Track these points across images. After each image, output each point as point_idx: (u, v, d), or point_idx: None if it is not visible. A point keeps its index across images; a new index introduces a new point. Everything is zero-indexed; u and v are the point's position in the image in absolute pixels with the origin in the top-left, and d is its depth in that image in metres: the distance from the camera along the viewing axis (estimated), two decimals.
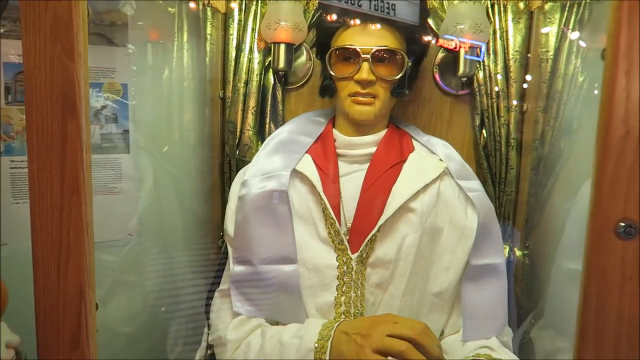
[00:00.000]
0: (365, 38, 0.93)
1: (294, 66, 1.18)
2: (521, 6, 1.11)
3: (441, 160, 0.97)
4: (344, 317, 0.90)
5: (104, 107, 1.01)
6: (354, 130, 0.99)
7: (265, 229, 0.93)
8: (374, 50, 0.92)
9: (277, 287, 0.92)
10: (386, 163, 0.96)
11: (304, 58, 1.20)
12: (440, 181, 0.95)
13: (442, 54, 1.15)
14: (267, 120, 1.18)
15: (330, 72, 0.97)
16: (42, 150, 0.61)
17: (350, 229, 0.93)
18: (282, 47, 1.13)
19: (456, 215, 0.94)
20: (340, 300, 0.91)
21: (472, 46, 1.06)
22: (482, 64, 1.11)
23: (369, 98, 0.94)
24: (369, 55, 0.92)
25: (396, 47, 0.94)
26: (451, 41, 1.04)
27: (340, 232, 0.91)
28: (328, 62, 0.97)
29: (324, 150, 0.99)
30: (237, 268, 0.94)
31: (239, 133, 1.17)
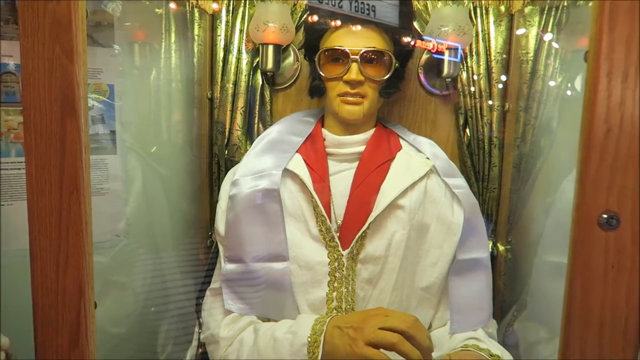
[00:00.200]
0: (354, 40, 0.96)
1: (281, 67, 1.20)
2: (502, 9, 1.15)
3: (428, 159, 1.00)
4: (335, 312, 0.92)
5: (91, 108, 1.00)
6: (343, 129, 1.01)
7: (256, 227, 0.94)
8: (362, 51, 0.94)
9: (269, 285, 0.93)
10: (375, 161, 0.98)
11: (291, 59, 1.21)
12: (427, 179, 0.98)
13: (427, 55, 1.18)
14: (256, 120, 1.20)
15: (319, 73, 0.99)
16: (41, 150, 0.62)
17: (340, 226, 0.95)
18: (270, 48, 1.14)
19: (443, 211, 0.97)
20: (332, 296, 0.93)
21: (449, 47, 1.09)
22: (466, 65, 1.14)
23: (358, 98, 0.96)
24: (357, 56, 0.94)
25: (384, 49, 0.97)
26: (429, 42, 1.07)
27: (331, 229, 0.93)
28: (317, 63, 0.99)
29: (313, 150, 1.00)
30: (229, 266, 0.95)
31: (227, 133, 1.18)
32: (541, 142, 1.10)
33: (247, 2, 1.18)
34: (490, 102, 1.14)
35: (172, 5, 1.15)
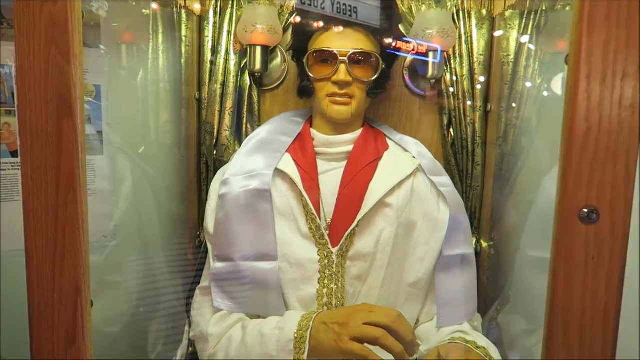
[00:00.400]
0: (342, 41, 0.98)
1: (269, 68, 1.21)
2: (484, 13, 1.18)
3: (414, 158, 1.03)
4: (326, 308, 0.94)
5: None
6: (331, 129, 1.03)
7: (246, 226, 0.95)
8: (350, 52, 0.96)
9: (257, 284, 0.95)
10: (363, 161, 1.00)
11: (278, 60, 1.23)
12: (414, 177, 1.00)
13: (412, 57, 1.20)
14: (244, 120, 1.21)
15: (308, 74, 1.01)
16: (37, 149, 0.62)
17: (330, 224, 0.97)
18: (258, 50, 1.15)
19: (429, 209, 0.99)
20: (322, 293, 0.94)
21: (430, 49, 1.12)
22: (449, 66, 1.17)
23: (346, 98, 0.99)
24: (346, 58, 0.96)
25: (371, 50, 0.99)
26: (409, 44, 1.10)
27: (321, 228, 0.95)
28: (306, 64, 1.01)
29: (303, 149, 1.02)
30: (218, 265, 0.96)
31: (216, 133, 1.19)
32: (522, 141, 1.14)
33: (235, 4, 1.19)
34: (471, 103, 1.18)
35: (154, 5, 1.15)
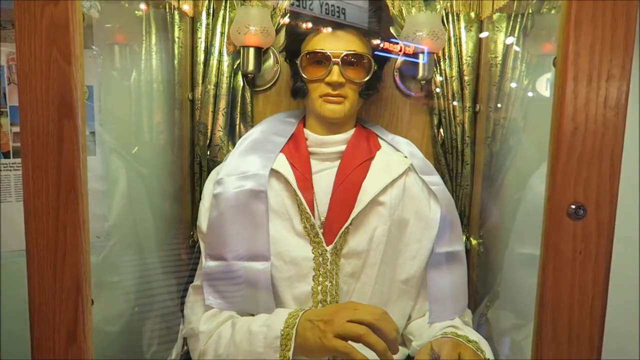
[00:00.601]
0: (335, 43, 1.00)
1: (262, 69, 1.23)
2: (472, 16, 1.21)
3: (406, 157, 1.05)
4: (320, 306, 0.96)
5: None
6: (324, 129, 1.05)
7: (240, 226, 0.97)
8: (343, 54, 0.98)
9: (249, 284, 0.96)
10: (356, 160, 1.02)
11: (271, 61, 1.24)
12: (405, 176, 1.02)
13: (402, 58, 1.23)
14: (237, 121, 1.22)
15: (302, 75, 1.02)
16: (38, 150, 0.63)
17: (324, 222, 0.98)
18: (251, 51, 1.17)
19: (421, 207, 1.02)
20: (317, 290, 0.96)
21: (416, 50, 1.14)
22: (439, 68, 1.20)
23: (339, 98, 1.00)
24: (339, 59, 0.98)
25: (363, 52, 1.01)
26: (396, 45, 1.12)
27: (315, 226, 0.97)
28: (300, 65, 1.02)
29: (296, 149, 1.04)
30: (210, 263, 0.97)
31: (210, 134, 1.20)
32: (510, 141, 1.16)
33: (228, 6, 1.20)
34: (460, 103, 1.20)
35: (143, 6, 1.15)
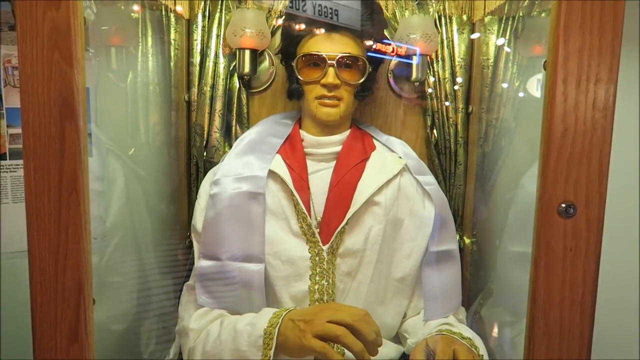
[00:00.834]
0: (330, 45, 1.01)
1: (257, 71, 1.24)
2: (464, 18, 1.23)
3: (400, 158, 1.07)
4: (317, 304, 0.97)
5: None
6: (320, 130, 1.06)
7: (237, 227, 0.98)
8: (338, 56, 1.00)
9: (243, 285, 0.97)
10: (351, 161, 1.04)
11: (266, 63, 1.26)
12: (400, 177, 1.04)
13: (396, 60, 1.24)
14: (234, 122, 1.23)
15: (297, 77, 1.04)
16: (39, 151, 0.64)
17: (320, 222, 1.00)
18: (247, 53, 1.18)
19: (415, 207, 1.03)
20: (314, 289, 0.97)
21: (410, 53, 1.16)
22: (432, 69, 1.22)
23: (335, 100, 1.02)
24: (334, 61, 1.00)
25: (358, 54, 1.03)
26: (389, 46, 1.14)
27: (312, 226, 0.98)
28: (295, 68, 1.04)
29: (292, 150, 1.05)
30: (204, 263, 0.98)
31: (206, 135, 1.21)
32: (502, 142, 1.19)
33: (224, 8, 1.21)
34: (453, 104, 1.22)
35: (139, 7, 1.16)
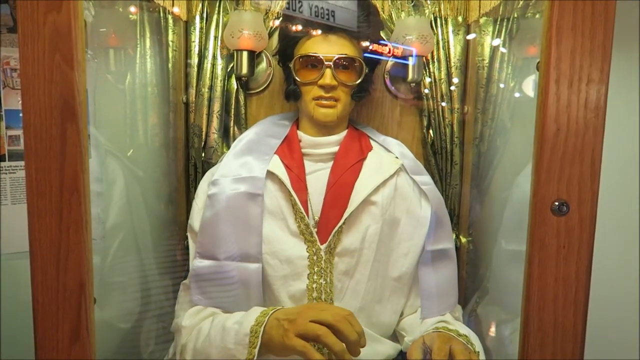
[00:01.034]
0: (327, 47, 1.02)
1: (255, 72, 1.25)
2: (460, 20, 1.24)
3: (397, 158, 1.08)
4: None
5: None
6: (317, 131, 1.07)
7: (235, 228, 0.99)
8: (335, 57, 1.01)
9: (241, 284, 0.98)
10: (348, 161, 1.05)
11: (264, 64, 1.27)
12: (397, 176, 1.05)
13: (392, 61, 1.26)
14: (232, 123, 1.24)
15: (295, 78, 1.05)
16: (41, 152, 0.65)
17: (318, 222, 1.01)
18: (245, 54, 1.19)
19: (412, 206, 1.05)
20: (312, 288, 0.98)
21: (405, 52, 1.17)
22: (428, 70, 1.23)
23: (332, 101, 1.03)
24: (331, 63, 1.01)
25: (355, 55, 1.04)
26: (385, 47, 1.15)
27: (310, 226, 0.99)
28: (293, 69, 1.05)
29: (290, 151, 1.06)
30: (201, 262, 0.99)
31: (204, 136, 1.22)
32: (497, 142, 1.20)
33: (221, 10, 1.22)
34: (449, 105, 1.24)
35: (133, 8, 1.17)
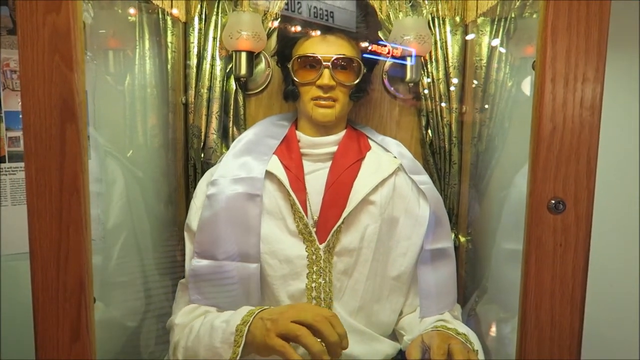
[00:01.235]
0: (326, 47, 1.03)
1: (254, 73, 1.25)
2: (457, 20, 1.25)
3: (395, 158, 1.08)
4: (314, 302, 0.98)
5: None
6: (316, 131, 1.08)
7: (234, 228, 0.99)
8: (333, 58, 1.01)
9: (240, 283, 0.99)
10: (347, 161, 1.05)
11: (262, 65, 1.27)
12: (395, 176, 1.06)
13: (390, 62, 1.26)
14: (231, 124, 1.24)
15: (293, 78, 1.05)
16: (41, 153, 0.65)
17: (317, 221, 1.01)
18: (244, 55, 1.19)
19: (410, 205, 1.05)
20: (311, 287, 0.99)
21: (404, 53, 1.18)
22: (426, 70, 1.24)
23: (330, 102, 1.04)
24: (329, 63, 1.01)
25: (353, 56, 1.04)
26: (383, 47, 1.16)
27: (309, 225, 1.00)
28: (291, 69, 1.05)
29: (289, 151, 1.07)
30: (199, 262, 0.99)
31: (203, 137, 1.23)
32: (495, 141, 1.20)
33: (220, 11, 1.23)
34: (447, 105, 1.24)
35: (132, 10, 1.17)
